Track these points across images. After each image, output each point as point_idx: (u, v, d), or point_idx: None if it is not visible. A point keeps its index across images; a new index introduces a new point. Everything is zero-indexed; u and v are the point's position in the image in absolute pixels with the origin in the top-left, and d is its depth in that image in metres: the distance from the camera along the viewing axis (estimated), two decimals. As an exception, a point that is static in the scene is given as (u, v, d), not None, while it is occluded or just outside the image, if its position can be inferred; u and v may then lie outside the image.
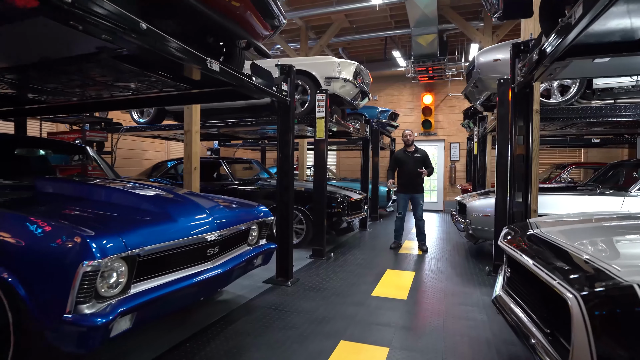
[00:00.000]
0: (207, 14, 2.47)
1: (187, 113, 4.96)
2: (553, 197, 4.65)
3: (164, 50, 2.19)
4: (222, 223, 2.64)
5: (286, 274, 3.99)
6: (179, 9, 2.43)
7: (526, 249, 1.63)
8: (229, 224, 2.72)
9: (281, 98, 3.77)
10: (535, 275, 1.41)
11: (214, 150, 10.79)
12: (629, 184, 5.61)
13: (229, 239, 2.77)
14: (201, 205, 2.64)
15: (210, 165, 6.68)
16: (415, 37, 8.46)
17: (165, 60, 2.51)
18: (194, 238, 2.32)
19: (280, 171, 3.97)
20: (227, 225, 2.69)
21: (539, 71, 2.64)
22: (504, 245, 1.88)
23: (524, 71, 2.87)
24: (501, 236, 2.21)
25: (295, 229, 5.73)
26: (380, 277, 4.26)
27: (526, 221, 2.53)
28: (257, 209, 3.27)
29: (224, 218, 2.73)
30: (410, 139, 5.81)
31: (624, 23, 1.98)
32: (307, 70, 5.56)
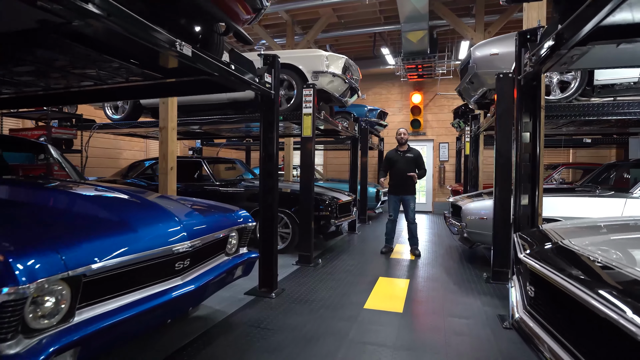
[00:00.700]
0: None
1: (162, 108, 4.56)
2: (551, 199, 4.41)
3: (122, 26, 1.82)
4: (194, 231, 2.27)
5: (270, 284, 3.64)
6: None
7: (566, 269, 1.32)
8: (202, 232, 2.36)
9: (264, 91, 3.42)
10: (587, 306, 1.10)
11: (196, 150, 10.36)
12: (622, 185, 5.44)
13: (203, 249, 2.41)
14: (169, 211, 2.27)
15: (190, 165, 6.28)
16: (405, 34, 8.19)
17: (127, 42, 2.14)
18: (159, 251, 1.95)
19: (263, 172, 3.62)
20: (200, 233, 2.33)
21: (552, 60, 2.36)
22: (530, 261, 1.58)
23: (534, 60, 2.59)
24: (518, 247, 1.91)
25: (280, 233, 5.38)
26: (372, 285, 3.94)
27: (540, 228, 2.23)
28: (237, 214, 2.91)
29: (197, 225, 2.37)
30: (404, 137, 5.52)
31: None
32: (293, 64, 5.22)
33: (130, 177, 6.51)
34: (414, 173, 5.36)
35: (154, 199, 2.63)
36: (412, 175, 5.31)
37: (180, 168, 6.63)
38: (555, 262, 1.42)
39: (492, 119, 5.02)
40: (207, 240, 2.40)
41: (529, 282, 1.69)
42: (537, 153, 2.96)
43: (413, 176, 5.31)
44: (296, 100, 5.21)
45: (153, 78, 2.88)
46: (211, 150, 11.29)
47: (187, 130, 7.25)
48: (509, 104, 4.09)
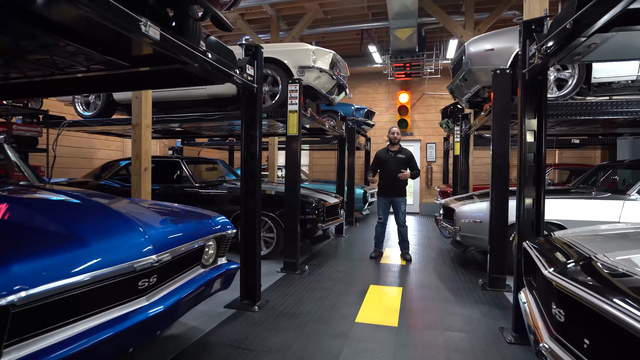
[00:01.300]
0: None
1: (135, 103, 4.21)
2: (547, 201, 4.21)
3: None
4: (162, 242, 1.96)
5: (253, 295, 3.33)
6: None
7: (617, 296, 1.06)
8: (173, 243, 2.05)
9: (246, 84, 3.11)
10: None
11: (176, 149, 9.94)
12: (610, 185, 5.33)
13: (174, 263, 2.09)
14: (132, 219, 1.95)
15: (168, 166, 5.90)
16: (393, 31, 7.96)
17: (81, 21, 1.82)
18: (117, 268, 1.63)
19: (245, 172, 3.31)
20: (170, 244, 2.01)
21: (566, 50, 2.12)
22: (563, 281, 1.32)
23: (543, 51, 2.36)
24: (538, 261, 1.65)
25: (263, 237, 5.06)
26: (363, 295, 3.67)
27: (556, 236, 1.99)
28: (214, 220, 2.60)
29: (167, 235, 2.06)
30: (397, 137, 5.27)
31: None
32: (278, 58, 4.92)
33: (104, 178, 6.10)
34: (407, 172, 5.11)
35: (116, 205, 2.30)
36: (403, 174, 5.05)
37: (158, 169, 6.28)
38: (599, 286, 1.17)
39: (485, 118, 4.82)
40: (178, 252, 2.08)
41: (556, 304, 1.43)
42: (542, 153, 2.73)
43: (404, 175, 5.05)
44: (281, 97, 4.91)
45: (119, 67, 2.54)
46: (192, 150, 10.88)
47: (166, 129, 6.87)
48: (506, 101, 3.89)
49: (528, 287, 2.11)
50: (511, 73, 3.93)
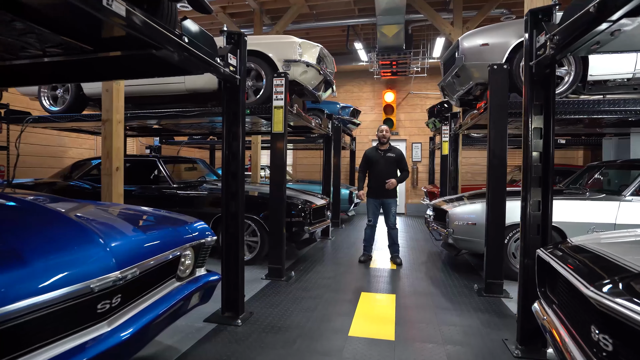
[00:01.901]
0: None
1: (105, 97, 3.86)
2: None
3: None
4: (128, 255, 1.66)
5: (235, 307, 3.03)
6: None
7: None
8: (141, 255, 1.75)
9: (228, 75, 2.81)
10: None
11: (154, 148, 9.49)
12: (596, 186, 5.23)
13: (144, 278, 1.79)
14: (90, 229, 1.64)
15: (144, 165, 5.53)
16: (380, 27, 7.77)
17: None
18: (66, 292, 1.33)
19: (226, 173, 3.01)
20: (138, 257, 1.72)
21: (585, 38, 1.92)
22: (616, 304, 1.08)
23: (557, 41, 2.16)
24: (575, 278, 1.42)
25: (247, 242, 4.77)
26: (355, 304, 3.42)
27: (582, 245, 1.78)
28: (191, 227, 2.30)
29: (134, 246, 1.76)
30: (386, 135, 5.05)
31: None
32: (262, 51, 4.62)
33: (74, 178, 5.68)
34: (394, 179, 4.91)
35: (77, 211, 1.98)
36: (390, 183, 4.86)
37: (133, 169, 5.89)
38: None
39: (479, 116, 4.64)
40: (148, 266, 1.79)
41: (600, 329, 1.21)
42: (550, 153, 2.54)
43: (391, 184, 4.87)
44: (265, 92, 4.62)
45: (80, 51, 2.21)
46: (171, 149, 10.44)
47: (143, 126, 6.47)
48: (503, 98, 3.71)
49: (545, 301, 1.89)
50: (508, 69, 3.75)
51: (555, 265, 1.62)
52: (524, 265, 2.61)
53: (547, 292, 1.94)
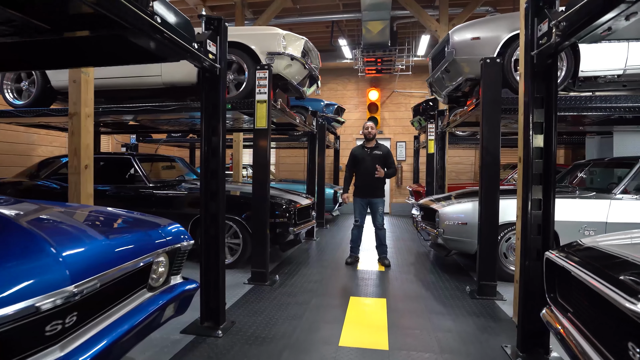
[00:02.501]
0: None
1: (73, 89, 3.55)
2: None
3: None
4: (86, 266, 1.41)
5: (216, 316, 2.79)
6: None
7: None
8: (103, 265, 1.50)
9: (207, 63, 2.57)
10: None
11: (130, 146, 9.09)
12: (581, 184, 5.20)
13: (106, 291, 1.55)
14: (40, 236, 1.39)
15: (117, 164, 5.20)
16: (365, 23, 7.61)
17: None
18: (4, 313, 1.08)
19: (206, 171, 2.77)
20: (97, 267, 1.47)
21: (597, 23, 1.78)
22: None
23: (563, 27, 2.02)
24: (613, 292, 1.25)
25: (228, 244, 4.52)
26: (344, 310, 3.23)
27: (602, 249, 1.62)
28: (165, 230, 2.06)
29: (94, 255, 1.51)
30: (372, 132, 4.88)
31: None
32: (244, 43, 4.37)
33: (41, 177, 5.30)
34: (382, 170, 4.73)
35: (27, 215, 1.72)
36: (378, 171, 4.66)
37: (107, 167, 5.55)
38: None
39: (469, 112, 4.52)
40: (111, 277, 1.54)
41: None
42: (552, 149, 2.40)
43: (380, 172, 4.67)
44: (247, 86, 4.37)
45: (35, 31, 1.94)
46: (149, 147, 10.04)
47: (118, 122, 6.13)
48: (496, 93, 3.58)
49: (557, 308, 1.73)
50: (501, 63, 3.63)
51: (577, 272, 1.45)
52: (525, 267, 2.46)
53: (558, 298, 1.78)
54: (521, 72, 3.00)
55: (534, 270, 2.47)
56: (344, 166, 5.29)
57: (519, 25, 3.91)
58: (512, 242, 4.08)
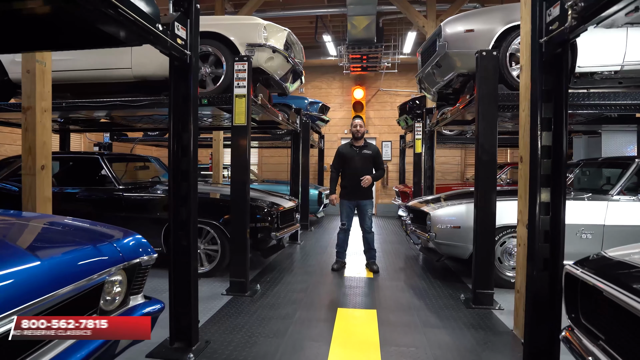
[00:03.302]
0: None
1: (26, 80, 3.17)
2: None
3: None
4: (7, 295, 1.09)
5: (187, 336, 2.47)
6: None
7: None
8: (26, 295, 1.18)
9: (175, 49, 2.25)
10: None
11: (103, 146, 8.60)
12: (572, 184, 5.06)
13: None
14: None
15: (84, 164, 4.79)
16: (351, 18, 7.37)
17: None
18: None
19: (175, 171, 2.44)
20: (17, 298, 1.15)
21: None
22: None
23: (580, 9, 1.78)
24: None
25: (206, 250, 4.18)
26: (332, 324, 2.94)
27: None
28: (121, 243, 1.73)
29: (11, 284, 1.18)
30: (360, 130, 4.62)
31: None
32: (222, 34, 4.04)
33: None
34: (369, 176, 4.47)
35: None
36: (366, 180, 4.42)
37: (72, 167, 5.13)
38: None
39: (462, 109, 4.30)
40: (40, 309, 1.22)
41: None
42: (562, 148, 2.16)
43: (367, 180, 4.43)
44: (225, 80, 4.04)
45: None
46: (124, 147, 9.55)
47: (89, 118, 5.70)
48: (492, 87, 3.35)
49: (583, 333, 1.49)
50: (497, 56, 3.40)
51: (616, 293, 1.20)
52: (533, 278, 2.22)
53: (582, 319, 1.53)
54: (522, 63, 2.78)
55: (540, 281, 2.24)
56: (329, 166, 5.03)
57: (514, 17, 3.72)
58: (507, 246, 3.88)
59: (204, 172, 9.15)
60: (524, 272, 2.72)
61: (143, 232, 4.28)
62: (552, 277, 2.20)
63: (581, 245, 3.72)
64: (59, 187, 4.68)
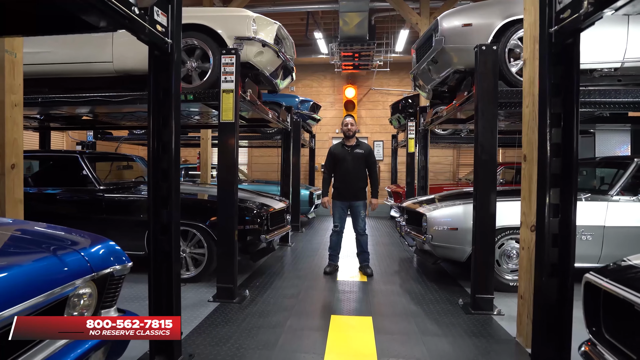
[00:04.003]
0: None
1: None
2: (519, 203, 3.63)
3: None
4: None
5: (169, 349, 2.27)
6: None
7: None
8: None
9: (154, 36, 2.05)
10: None
11: (86, 145, 8.30)
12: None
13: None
14: None
15: (62, 163, 4.54)
16: (343, 15, 7.20)
17: None
18: None
19: (154, 171, 2.25)
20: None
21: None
22: None
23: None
24: None
25: (191, 254, 3.98)
26: (325, 333, 2.76)
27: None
28: (88, 252, 1.53)
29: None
30: (352, 129, 4.46)
31: None
32: (208, 26, 3.84)
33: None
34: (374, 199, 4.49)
35: None
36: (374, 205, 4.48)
37: (49, 167, 4.87)
38: None
39: (455, 108, 4.16)
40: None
41: None
42: (573, 145, 2.02)
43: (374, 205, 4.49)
44: (212, 75, 3.84)
45: None
46: (109, 146, 9.25)
47: (70, 115, 5.44)
48: (493, 83, 3.21)
49: (607, 348, 1.33)
50: (497, 50, 3.27)
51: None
52: (542, 285, 2.08)
53: (605, 334, 1.38)
54: (526, 57, 2.64)
55: (548, 289, 2.10)
56: (320, 166, 4.86)
57: (514, 11, 3.59)
58: (505, 248, 3.75)
59: (192, 172, 8.91)
60: (527, 278, 2.58)
61: (125, 235, 4.08)
62: (561, 284, 2.06)
63: (581, 247, 3.59)
64: (36, 187, 4.43)
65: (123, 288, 1.73)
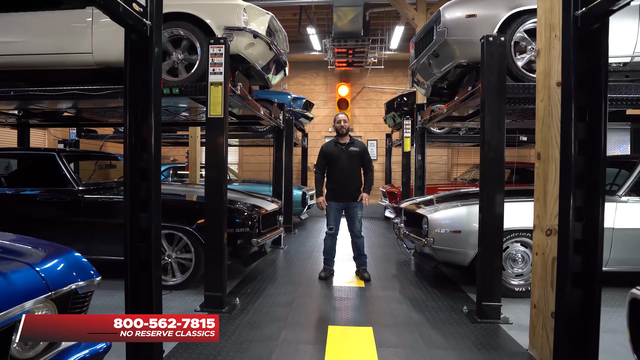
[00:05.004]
0: None
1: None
2: (523, 204, 3.46)
3: None
4: None
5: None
6: None
7: None
8: None
9: (129, 15, 1.80)
10: None
11: (69, 143, 7.94)
12: None
13: None
14: None
15: (38, 162, 4.24)
16: (337, 9, 6.98)
17: None
18: None
19: (132, 170, 1.99)
20: None
21: None
22: None
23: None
24: None
25: (178, 259, 3.72)
26: (322, 346, 2.53)
27: None
28: (44, 267, 1.28)
29: None
30: (345, 126, 4.24)
31: None
32: (196, 15, 3.58)
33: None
34: (366, 193, 4.29)
35: None
36: (365, 200, 4.28)
37: (24, 166, 4.57)
38: None
39: (458, 104, 3.96)
40: None
41: None
42: (601, 142, 1.82)
43: (367, 200, 4.29)
44: (200, 68, 3.58)
45: None
46: (93, 144, 8.89)
47: (52, 110, 5.11)
48: (501, 77, 3.01)
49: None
50: (505, 42, 3.07)
51: None
52: (567, 296, 1.87)
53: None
54: (539, 47, 2.44)
55: (571, 300, 1.89)
56: (312, 165, 4.63)
57: (520, 2, 3.40)
58: (510, 252, 3.56)
59: (181, 172, 8.62)
60: (542, 286, 2.39)
61: (106, 239, 3.78)
62: (586, 296, 1.86)
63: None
64: (11, 189, 4.13)
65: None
